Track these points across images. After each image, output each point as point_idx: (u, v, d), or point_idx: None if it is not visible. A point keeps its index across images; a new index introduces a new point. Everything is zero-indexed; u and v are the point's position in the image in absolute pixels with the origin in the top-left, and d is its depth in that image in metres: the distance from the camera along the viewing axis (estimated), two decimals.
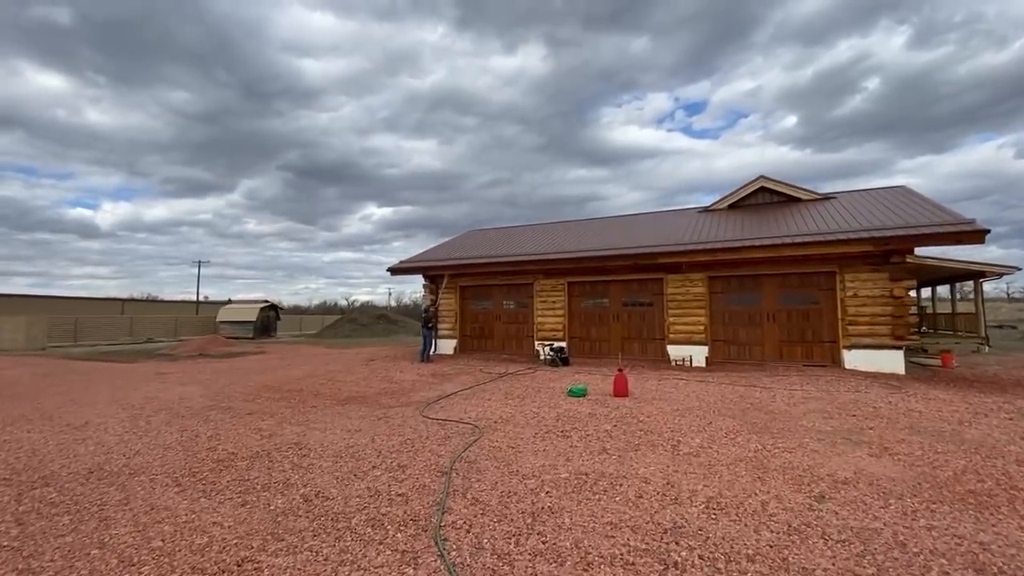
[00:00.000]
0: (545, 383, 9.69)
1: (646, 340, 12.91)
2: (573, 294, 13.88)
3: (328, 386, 9.99)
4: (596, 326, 13.57)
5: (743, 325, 11.97)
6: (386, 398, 8.59)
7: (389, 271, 15.73)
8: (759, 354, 11.77)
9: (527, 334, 14.46)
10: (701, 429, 5.91)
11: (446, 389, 9.37)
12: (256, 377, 11.54)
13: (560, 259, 13.15)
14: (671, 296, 12.43)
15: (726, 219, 13.85)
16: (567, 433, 5.84)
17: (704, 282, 12.15)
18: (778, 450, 5.04)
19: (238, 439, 5.93)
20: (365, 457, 5.08)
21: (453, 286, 15.59)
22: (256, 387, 10.03)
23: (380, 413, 7.32)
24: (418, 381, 10.46)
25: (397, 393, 9.06)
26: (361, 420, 6.88)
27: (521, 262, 13.70)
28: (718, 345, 12.12)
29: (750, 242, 11.18)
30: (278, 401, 8.49)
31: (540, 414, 6.88)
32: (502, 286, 14.99)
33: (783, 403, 7.45)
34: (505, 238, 17.21)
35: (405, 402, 8.19)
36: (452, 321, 15.54)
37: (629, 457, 4.91)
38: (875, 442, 5.31)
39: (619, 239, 13.86)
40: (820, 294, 11.33)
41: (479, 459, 4.90)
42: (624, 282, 13.24)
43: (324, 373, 11.94)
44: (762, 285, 11.87)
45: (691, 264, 12.01)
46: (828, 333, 11.14)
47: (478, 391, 9.03)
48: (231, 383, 10.72)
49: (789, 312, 11.59)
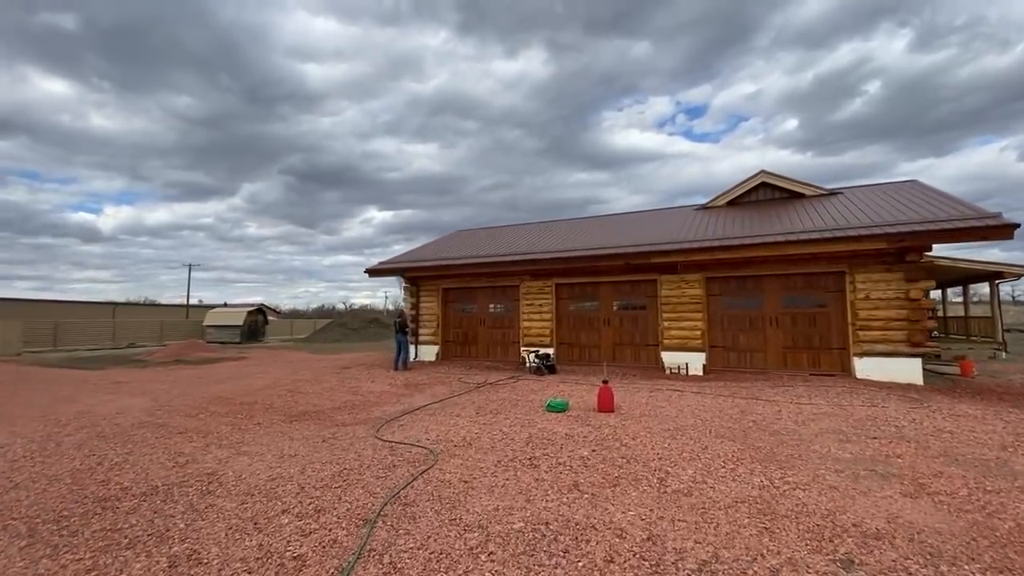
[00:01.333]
0: (525, 395, 8.75)
1: (639, 346, 11.97)
2: (561, 296, 12.95)
3: (287, 398, 9.06)
4: (586, 331, 12.64)
5: (743, 330, 11.04)
6: (344, 413, 7.65)
7: (367, 272, 14.81)
8: (761, 362, 10.83)
9: (513, 340, 13.52)
10: (695, 456, 4.97)
11: (415, 402, 8.44)
12: (215, 387, 10.60)
13: (547, 259, 12.23)
14: (665, 299, 11.51)
15: (725, 217, 12.94)
16: (535, 461, 4.90)
17: (701, 283, 11.23)
18: (788, 486, 4.10)
19: (145, 468, 5.00)
20: (282, 495, 4.15)
21: (435, 288, 14.66)
22: (208, 399, 9.10)
23: (329, 433, 6.39)
24: (387, 393, 9.53)
25: (358, 407, 8.12)
26: (303, 442, 5.95)
27: (506, 262, 12.78)
28: (716, 352, 11.18)
29: (751, 240, 10.26)
30: (223, 416, 7.56)
31: (510, 434, 5.94)
32: (486, 288, 14.07)
33: (790, 420, 6.51)
34: (493, 238, 16.31)
35: (363, 418, 7.25)
36: (434, 326, 14.60)
37: (605, 496, 3.97)
38: (906, 475, 4.37)
39: (611, 238, 12.94)
40: (828, 296, 10.40)
41: (419, 500, 3.96)
42: (615, 284, 12.32)
43: (290, 383, 11.01)
44: (764, 287, 10.95)
45: (687, 264, 11.09)
46: (837, 339, 10.20)
47: (449, 405, 8.10)
48: (184, 394, 9.79)
49: (794, 316, 10.66)
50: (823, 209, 11.70)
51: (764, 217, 12.09)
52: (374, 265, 15.05)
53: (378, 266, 14.99)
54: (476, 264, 13.20)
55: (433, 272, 14.05)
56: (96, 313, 44.31)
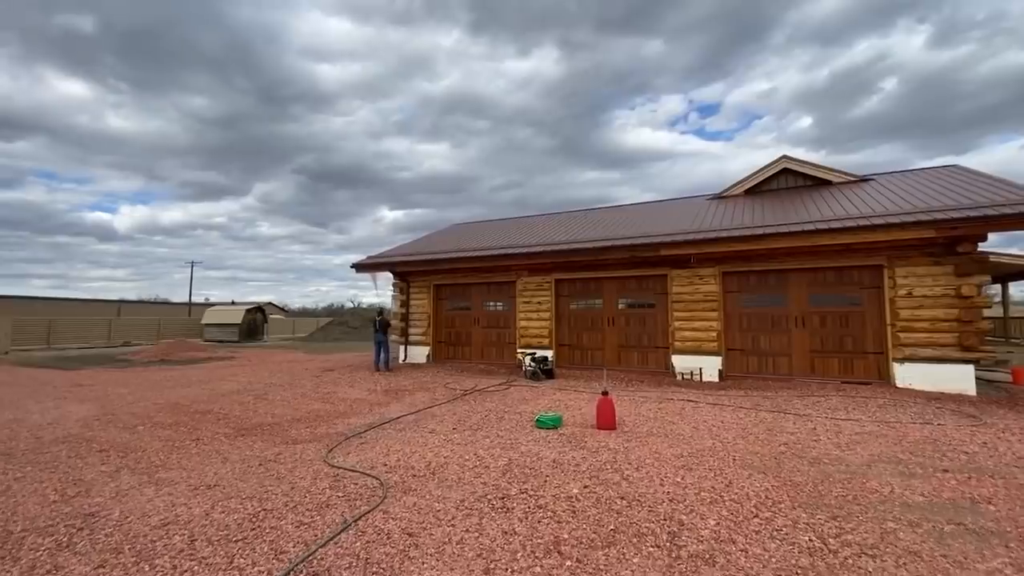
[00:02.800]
0: (514, 405, 7.64)
1: (647, 349, 10.80)
2: (561, 294, 11.82)
3: (248, 406, 8.04)
4: (588, 332, 11.49)
5: (765, 331, 9.83)
6: (302, 426, 6.60)
7: (354, 267, 13.79)
8: (785, 367, 9.61)
9: (509, 340, 12.41)
10: (717, 497, 3.82)
11: (389, 412, 7.38)
12: (178, 392, 9.63)
13: (546, 252, 11.11)
14: (677, 296, 10.33)
15: (742, 206, 11.71)
16: (509, 502, 3.79)
17: (717, 279, 10.03)
18: (849, 551, 2.96)
19: (21, 501, 3.97)
20: (159, 553, 3.09)
21: (425, 285, 13.59)
22: (162, 406, 8.12)
23: (273, 453, 5.34)
24: (361, 401, 8.48)
25: (322, 419, 7.07)
26: (236, 466, 4.90)
27: (501, 256, 11.67)
28: (734, 355, 9.98)
29: (775, 229, 9.05)
30: (164, 429, 6.56)
31: (485, 460, 4.83)
32: (481, 285, 12.97)
33: (830, 443, 5.33)
34: (491, 232, 15.20)
35: (322, 433, 6.20)
36: (424, 325, 13.53)
37: (595, 564, 2.86)
38: (1008, 531, 3.20)
39: (616, 230, 11.78)
40: (863, 293, 9.16)
41: (336, 568, 2.88)
42: (621, 280, 11.16)
43: (262, 387, 10.01)
44: (789, 283, 9.73)
45: (701, 257, 9.90)
46: (873, 342, 8.96)
47: (426, 417, 7.02)
48: (140, 399, 8.83)
49: (823, 315, 9.43)
50: (854, 196, 10.44)
51: (787, 206, 10.85)
52: (362, 260, 14.02)
53: (366, 260, 13.96)
54: (469, 258, 12.11)
55: (423, 267, 12.98)
56: (102, 311, 44.11)
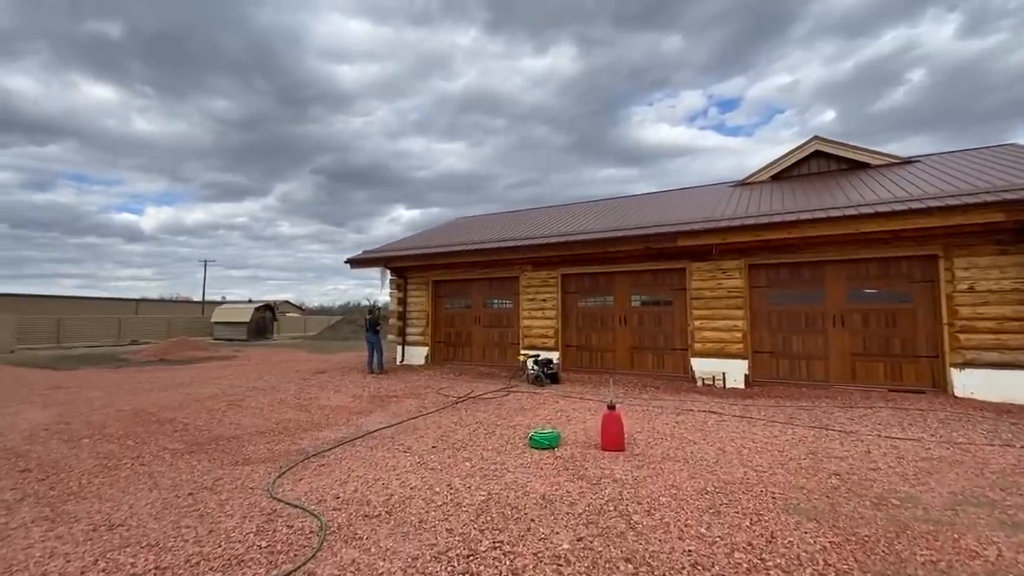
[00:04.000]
0: (509, 416, 6.69)
1: (663, 351, 9.74)
2: (568, 290, 10.81)
3: (215, 415, 7.25)
4: (597, 332, 10.47)
5: (798, 331, 8.70)
6: (262, 442, 5.75)
7: (348, 263, 12.97)
8: (821, 372, 8.47)
9: (512, 341, 11.46)
10: (756, 563, 2.82)
11: (367, 424, 6.50)
12: (150, 396, 8.91)
13: (551, 244, 10.11)
14: (697, 292, 9.25)
15: (770, 193, 10.56)
16: (478, 562, 2.85)
17: (743, 272, 8.92)
18: None
19: None
20: None
21: (424, 281, 12.70)
22: (124, 413, 7.39)
23: (212, 479, 4.49)
24: (343, 408, 7.62)
25: (290, 431, 6.22)
26: (160, 496, 4.07)
27: (503, 249, 10.72)
28: (762, 359, 8.87)
29: (810, 215, 7.92)
30: (110, 443, 5.79)
31: (459, 495, 3.90)
32: (482, 281, 12.03)
33: (893, 473, 4.26)
34: (494, 225, 14.25)
35: (282, 450, 5.34)
36: (423, 324, 12.65)
37: None
38: None
39: (628, 220, 10.73)
40: (913, 288, 7.98)
41: None
42: (634, 274, 10.10)
43: (241, 391, 9.24)
44: (825, 276, 8.58)
45: (725, 248, 8.81)
46: (926, 344, 7.78)
47: (406, 430, 6.11)
48: (107, 405, 8.13)
49: (865, 314, 8.27)
50: (899, 178, 9.23)
51: (820, 191, 9.67)
52: (357, 255, 13.20)
53: (361, 255, 13.14)
54: (468, 251, 11.18)
55: (420, 262, 12.09)
56: (119, 309, 44.56)
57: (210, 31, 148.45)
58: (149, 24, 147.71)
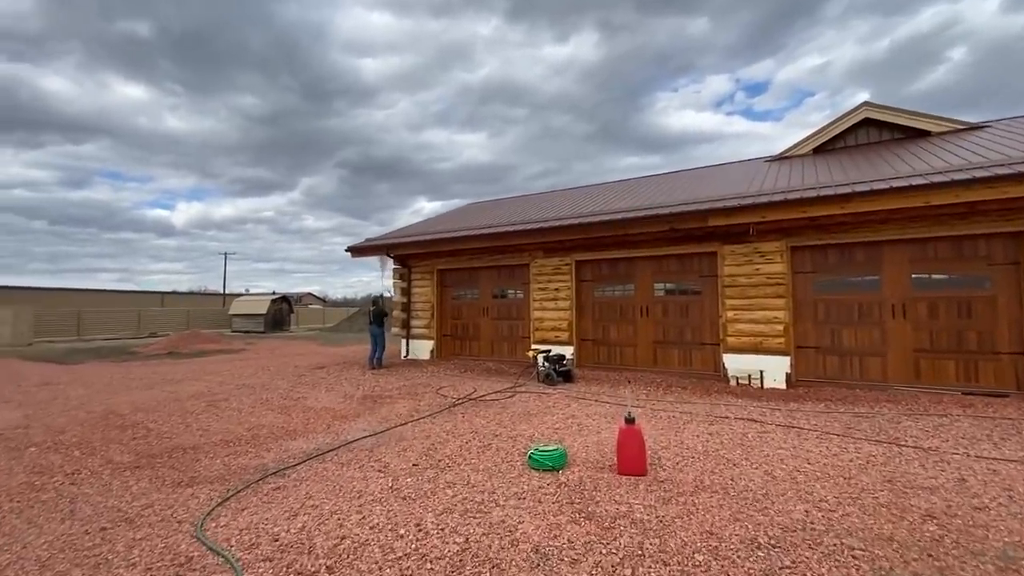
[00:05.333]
0: (511, 424, 5.77)
1: (690, 346, 8.66)
2: (583, 278, 9.78)
3: (187, 418, 6.54)
4: (616, 324, 9.43)
5: (849, 323, 7.52)
6: (222, 454, 4.97)
7: (349, 251, 12.19)
8: (877, 370, 7.30)
9: (522, 334, 10.52)
10: None
11: (348, 431, 5.68)
12: (133, 395, 8.31)
13: (565, 227, 9.09)
14: (731, 278, 8.12)
15: (813, 166, 9.30)
16: None
17: (784, 256, 7.76)
18: None
19: None
20: None
21: (428, 270, 11.84)
22: (94, 416, 6.77)
23: (141, 506, 3.71)
24: (328, 411, 6.83)
25: (258, 440, 5.43)
26: (68, 529, 3.32)
27: (512, 234, 9.74)
28: (807, 355, 7.73)
29: (867, 186, 6.72)
30: (54, 454, 5.11)
31: (428, 541, 3.00)
32: (490, 269, 11.09)
33: (1008, 515, 3.19)
34: (505, 209, 13.25)
35: (238, 467, 4.54)
36: (428, 316, 11.81)
37: None
38: None
39: (651, 199, 9.61)
40: (994, 272, 6.72)
41: None
42: (657, 260, 9.01)
43: (229, 390, 8.58)
44: (883, 259, 7.36)
45: (764, 227, 7.66)
46: (1010, 337, 6.54)
47: (389, 441, 5.26)
48: (84, 404, 7.56)
49: (932, 302, 7.04)
50: (968, 145, 7.89)
51: (873, 162, 8.39)
52: (359, 243, 12.41)
53: (364, 243, 12.34)
54: (474, 237, 10.25)
55: (424, 249, 11.21)
56: (144, 302, 45.45)
57: (236, 28, 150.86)
58: (177, 22, 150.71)
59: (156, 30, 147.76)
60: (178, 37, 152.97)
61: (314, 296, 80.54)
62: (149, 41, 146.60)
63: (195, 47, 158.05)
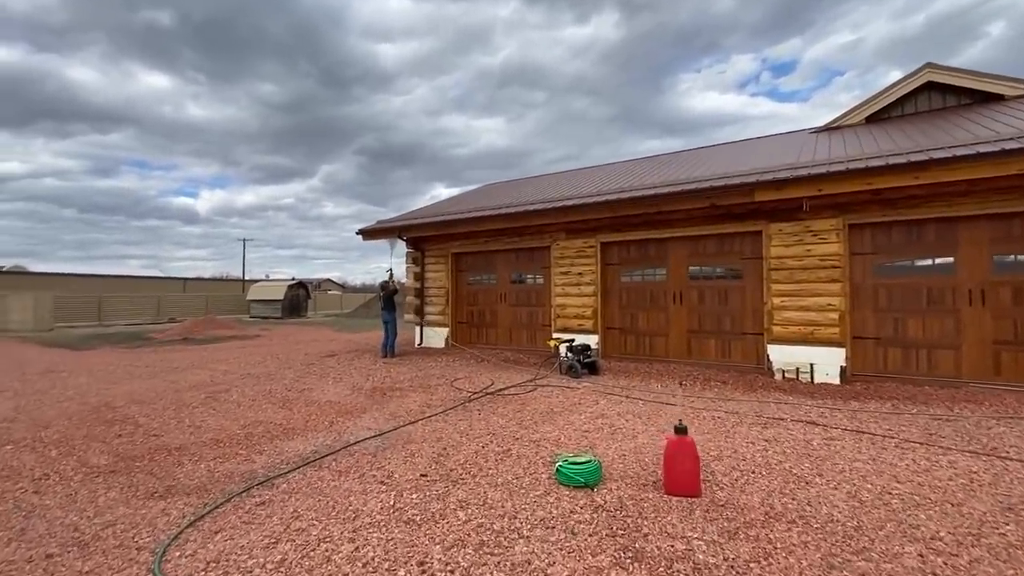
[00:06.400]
0: (533, 425, 5.10)
1: (729, 335, 7.86)
2: (609, 261, 9.00)
3: (180, 411, 6.05)
4: (645, 311, 8.66)
5: (916, 311, 6.63)
6: (209, 456, 4.43)
7: (360, 234, 11.60)
8: (949, 364, 6.42)
9: (543, 322, 9.82)
10: None
11: (352, 430, 5.10)
12: (132, 384, 7.90)
13: (590, 204, 8.31)
14: (778, 260, 7.27)
15: (870, 136, 8.31)
16: None
17: (841, 234, 6.87)
18: None
19: None
20: None
21: (443, 254, 11.18)
22: (86, 408, 6.35)
23: (102, 524, 3.18)
24: (333, 405, 6.26)
25: (254, 440, 4.89)
26: (11, 552, 2.76)
27: (532, 213, 8.99)
28: (864, 347, 6.87)
29: (950, 151, 5.78)
30: (31, 453, 4.65)
31: None
32: (508, 252, 10.38)
33: None
34: (525, 190, 12.46)
35: (224, 474, 3.99)
36: (442, 303, 11.19)
37: None
38: None
39: (686, 172, 8.74)
40: None
41: None
42: (693, 240, 8.18)
43: (232, 379, 8.11)
44: (958, 238, 6.43)
45: (819, 202, 6.77)
46: None
47: (396, 444, 4.65)
48: (81, 395, 7.17)
49: (1018, 287, 6.12)
50: None
51: (940, 130, 7.37)
52: (370, 225, 11.80)
53: (375, 225, 11.73)
54: (492, 217, 9.52)
55: (438, 231, 10.54)
56: (170, 288, 46.26)
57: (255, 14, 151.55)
58: (198, 11, 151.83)
59: (177, 18, 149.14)
60: (199, 25, 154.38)
61: (333, 282, 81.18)
62: (171, 30, 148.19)
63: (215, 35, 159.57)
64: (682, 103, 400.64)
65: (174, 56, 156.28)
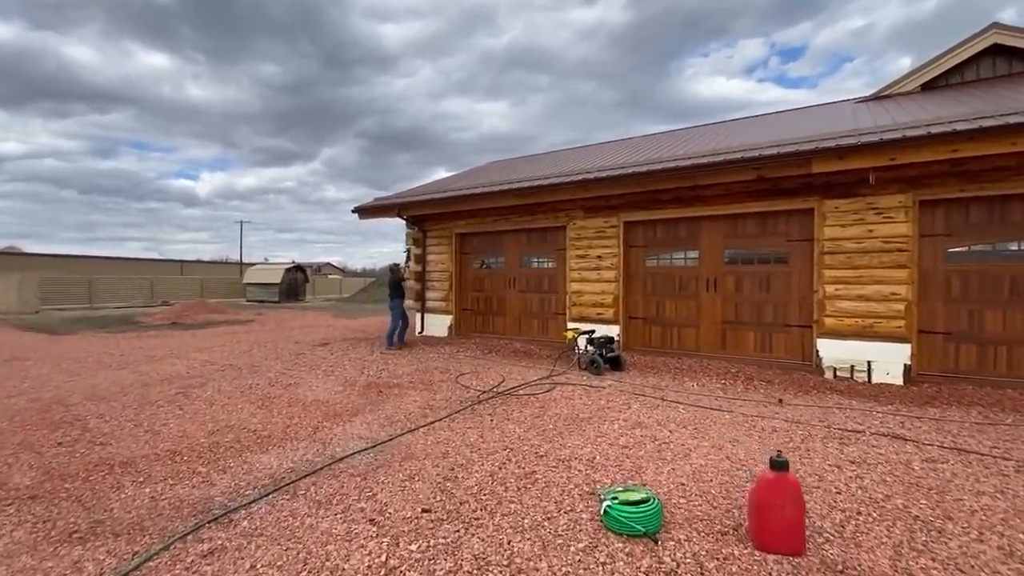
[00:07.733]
0: (558, 435, 4.23)
1: (771, 328, 6.96)
2: (633, 243, 8.06)
3: (141, 411, 5.19)
4: (673, 299, 7.75)
5: (997, 302, 5.72)
6: (158, 476, 3.57)
7: (356, 211, 10.64)
8: None
9: (555, 310, 8.93)
10: None
11: (338, 440, 4.23)
12: (97, 376, 7.05)
13: (612, 178, 7.34)
14: (832, 243, 6.33)
15: (932, 103, 7.30)
16: None
17: (910, 212, 5.92)
18: None
19: None
20: None
21: (446, 234, 10.23)
22: (37, 406, 5.51)
23: None
24: (320, 405, 5.39)
25: (219, 452, 4.02)
26: None
27: (545, 188, 8.02)
28: (933, 343, 5.97)
29: None
30: None
31: None
32: (518, 233, 9.44)
33: None
34: (538, 165, 11.45)
35: (174, 501, 3.13)
36: (445, 288, 10.27)
37: None
38: None
39: (725, 142, 7.75)
40: None
41: None
42: (730, 219, 7.23)
43: (211, 371, 7.26)
44: None
45: (884, 174, 5.80)
46: None
47: (392, 460, 3.78)
48: (35, 389, 6.34)
49: None
50: None
51: (1009, 96, 6.37)
52: (367, 203, 10.84)
53: (372, 203, 10.76)
54: (501, 194, 8.55)
55: (441, 209, 9.57)
56: (167, 270, 45.51)
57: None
58: None
59: None
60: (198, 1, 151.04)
61: (333, 266, 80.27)
62: (169, 7, 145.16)
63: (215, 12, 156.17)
64: (688, 88, 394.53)
65: (173, 34, 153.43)
